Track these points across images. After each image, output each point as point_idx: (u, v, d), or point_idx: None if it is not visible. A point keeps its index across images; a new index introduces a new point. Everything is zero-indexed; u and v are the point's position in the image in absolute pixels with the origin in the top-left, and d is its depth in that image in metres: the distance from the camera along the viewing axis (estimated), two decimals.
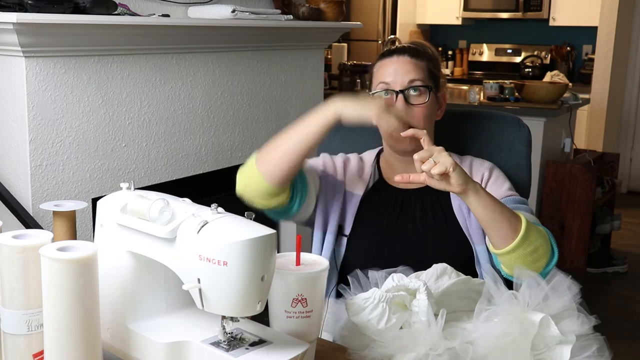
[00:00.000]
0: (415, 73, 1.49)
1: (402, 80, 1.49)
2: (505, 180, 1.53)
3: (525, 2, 5.91)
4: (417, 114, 1.48)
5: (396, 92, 1.48)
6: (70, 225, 1.25)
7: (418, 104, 1.48)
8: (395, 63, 1.51)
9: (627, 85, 5.60)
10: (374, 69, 1.56)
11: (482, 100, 4.01)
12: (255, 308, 0.94)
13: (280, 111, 3.01)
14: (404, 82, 1.48)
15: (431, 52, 1.59)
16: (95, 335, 0.92)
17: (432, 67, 1.53)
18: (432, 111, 1.52)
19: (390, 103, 1.46)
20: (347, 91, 4.39)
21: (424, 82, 1.49)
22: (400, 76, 1.49)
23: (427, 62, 1.53)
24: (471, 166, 1.55)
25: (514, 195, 1.50)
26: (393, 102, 1.47)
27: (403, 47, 1.56)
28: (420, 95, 1.49)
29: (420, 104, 1.48)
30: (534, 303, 1.10)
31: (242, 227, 0.93)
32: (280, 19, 2.74)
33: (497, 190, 1.49)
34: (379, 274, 1.19)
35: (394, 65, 1.51)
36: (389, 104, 1.45)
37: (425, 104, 1.48)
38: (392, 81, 1.49)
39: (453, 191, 1.31)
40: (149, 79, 2.39)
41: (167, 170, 2.52)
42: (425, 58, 1.53)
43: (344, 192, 1.54)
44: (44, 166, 2.10)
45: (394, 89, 1.48)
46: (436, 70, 1.55)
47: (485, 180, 1.52)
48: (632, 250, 4.21)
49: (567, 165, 3.77)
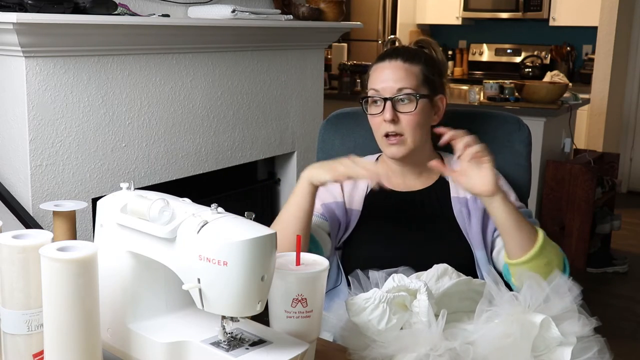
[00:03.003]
0: (406, 80, 1.47)
1: (391, 87, 1.47)
2: (510, 189, 1.53)
3: (525, 2, 5.91)
4: (406, 122, 1.47)
5: (384, 100, 1.47)
6: (70, 225, 1.25)
7: (406, 112, 1.47)
8: (387, 68, 1.49)
9: (627, 85, 5.60)
10: (370, 71, 1.55)
11: (482, 100, 4.01)
12: (255, 308, 0.94)
13: (280, 111, 3.01)
14: (393, 90, 1.47)
15: (430, 54, 1.56)
16: (95, 335, 0.92)
17: (427, 72, 1.50)
18: (423, 118, 1.49)
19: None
20: (347, 91, 4.39)
21: (414, 89, 1.47)
22: (391, 83, 1.47)
23: (422, 67, 1.50)
24: None
25: (522, 206, 1.50)
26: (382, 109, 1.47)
27: (397, 50, 1.54)
28: (409, 103, 1.47)
29: (408, 112, 1.47)
30: (535, 304, 1.10)
31: (242, 227, 0.93)
32: (280, 19, 2.74)
33: None
34: (380, 274, 1.19)
35: (385, 71, 1.49)
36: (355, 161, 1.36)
37: (413, 112, 1.47)
38: (381, 88, 1.48)
39: (481, 193, 1.30)
40: (149, 79, 2.39)
41: (167, 170, 2.52)
42: (420, 62, 1.50)
43: (345, 210, 1.54)
44: (44, 166, 2.10)
45: (383, 96, 1.48)
46: (432, 74, 1.52)
47: None
48: (632, 250, 4.21)
49: (567, 165, 3.77)
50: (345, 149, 1.75)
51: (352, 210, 1.54)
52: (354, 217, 1.53)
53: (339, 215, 1.53)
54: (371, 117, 1.51)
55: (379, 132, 1.50)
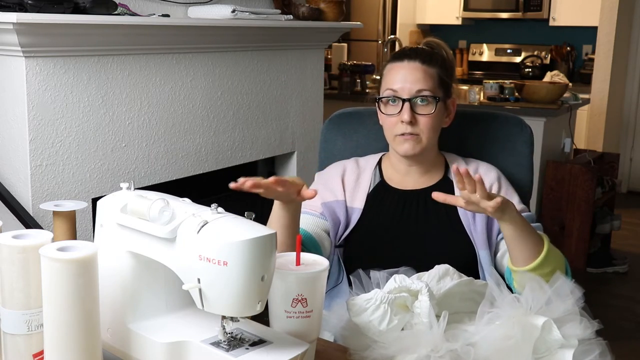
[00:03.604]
0: (424, 82, 1.46)
1: (410, 88, 1.46)
2: (514, 192, 1.53)
3: (525, 2, 5.91)
4: (424, 123, 1.47)
5: (403, 100, 1.46)
6: (70, 225, 1.25)
7: (425, 114, 1.47)
8: (405, 69, 1.48)
9: (627, 85, 5.60)
10: (384, 70, 1.54)
11: (482, 100, 4.01)
12: (255, 308, 0.94)
13: (280, 111, 3.01)
14: (411, 91, 1.46)
15: (445, 55, 1.56)
16: (95, 335, 0.92)
17: (443, 74, 1.50)
18: (438, 120, 1.50)
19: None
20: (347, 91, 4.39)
21: (432, 92, 1.47)
22: (409, 84, 1.46)
23: (439, 69, 1.50)
24: (477, 171, 1.54)
25: (525, 210, 1.50)
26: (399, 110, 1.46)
27: (415, 50, 1.53)
28: (427, 105, 1.47)
29: (427, 114, 1.47)
30: (537, 306, 1.10)
31: (242, 227, 0.93)
32: (280, 19, 2.74)
33: None
34: (381, 274, 1.19)
35: (403, 71, 1.48)
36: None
37: (431, 114, 1.47)
38: (399, 88, 1.47)
39: (493, 216, 1.29)
40: (149, 79, 2.39)
41: (167, 170, 2.52)
42: (437, 64, 1.50)
43: (346, 208, 1.54)
44: (44, 166, 2.10)
45: (401, 96, 1.47)
46: (447, 76, 1.52)
47: (495, 191, 1.50)
48: (632, 250, 4.21)
49: (567, 165, 3.77)
50: (347, 148, 1.75)
51: (354, 209, 1.54)
52: (355, 215, 1.53)
53: (340, 213, 1.52)
54: (386, 116, 1.50)
55: (392, 132, 1.50)
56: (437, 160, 1.58)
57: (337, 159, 1.69)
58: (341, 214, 1.53)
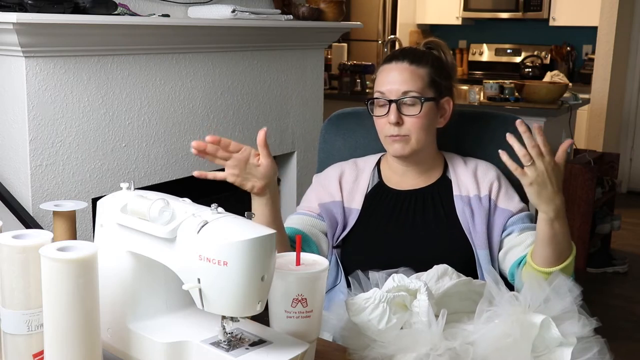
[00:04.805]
0: (411, 83, 1.47)
1: (397, 90, 1.47)
2: (514, 191, 1.53)
3: (525, 2, 5.91)
4: (411, 124, 1.47)
5: (389, 102, 1.47)
6: (70, 225, 1.25)
7: (411, 115, 1.47)
8: (394, 70, 1.49)
9: (627, 85, 5.60)
10: (376, 72, 1.55)
11: (482, 100, 4.01)
12: (255, 308, 0.94)
13: (280, 111, 3.01)
14: (398, 92, 1.47)
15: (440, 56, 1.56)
16: (95, 335, 0.92)
17: (434, 74, 1.50)
18: (428, 121, 1.49)
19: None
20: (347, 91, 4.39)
21: (420, 92, 1.47)
22: (396, 85, 1.47)
23: (429, 69, 1.49)
24: (476, 170, 1.54)
25: (524, 209, 1.50)
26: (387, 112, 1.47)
27: (404, 51, 1.53)
28: (413, 105, 1.47)
29: (413, 115, 1.47)
30: (535, 305, 1.10)
31: (242, 227, 0.93)
32: (280, 19, 2.74)
33: (509, 203, 1.48)
34: (380, 274, 1.19)
35: (391, 73, 1.49)
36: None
37: (417, 115, 1.47)
38: (387, 90, 1.48)
39: (546, 212, 1.33)
40: (149, 79, 2.39)
41: (167, 170, 2.52)
42: (427, 64, 1.50)
43: (343, 209, 1.54)
44: (44, 166, 2.10)
45: (388, 98, 1.48)
46: (439, 76, 1.51)
47: (495, 190, 1.50)
48: (632, 250, 4.20)
49: (567, 165, 3.76)
50: (346, 148, 1.75)
51: (351, 210, 1.54)
52: (353, 215, 1.53)
53: (337, 214, 1.53)
54: (376, 118, 1.51)
55: (382, 133, 1.51)
56: (436, 160, 1.57)
57: (336, 159, 1.69)
58: (338, 215, 1.53)
